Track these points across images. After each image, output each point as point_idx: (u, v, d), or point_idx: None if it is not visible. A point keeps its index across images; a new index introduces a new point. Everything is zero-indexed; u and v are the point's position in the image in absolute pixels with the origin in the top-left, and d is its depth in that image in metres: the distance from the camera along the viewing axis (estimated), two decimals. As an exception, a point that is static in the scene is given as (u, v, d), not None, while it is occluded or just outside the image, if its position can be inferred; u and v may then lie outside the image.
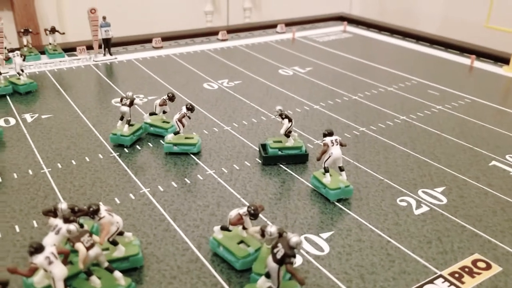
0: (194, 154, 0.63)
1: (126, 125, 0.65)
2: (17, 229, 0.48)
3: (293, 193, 0.55)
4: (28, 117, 0.73)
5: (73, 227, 0.38)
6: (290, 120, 0.61)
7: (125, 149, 0.65)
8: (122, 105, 0.66)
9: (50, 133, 0.68)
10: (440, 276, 0.43)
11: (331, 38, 1.23)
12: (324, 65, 1.02)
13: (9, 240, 0.47)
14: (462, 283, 0.42)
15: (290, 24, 1.31)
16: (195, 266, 0.44)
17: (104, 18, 0.97)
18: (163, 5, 1.48)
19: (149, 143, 0.67)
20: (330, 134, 0.54)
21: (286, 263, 0.35)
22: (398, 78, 0.94)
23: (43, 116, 0.74)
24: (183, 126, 0.63)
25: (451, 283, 0.42)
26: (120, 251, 0.42)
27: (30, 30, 0.98)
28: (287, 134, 0.61)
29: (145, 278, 0.42)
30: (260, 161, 0.62)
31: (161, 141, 0.67)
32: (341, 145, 0.54)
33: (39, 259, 0.35)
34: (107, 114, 0.75)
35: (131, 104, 0.66)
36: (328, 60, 1.05)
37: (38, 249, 0.35)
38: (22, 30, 0.97)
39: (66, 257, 0.39)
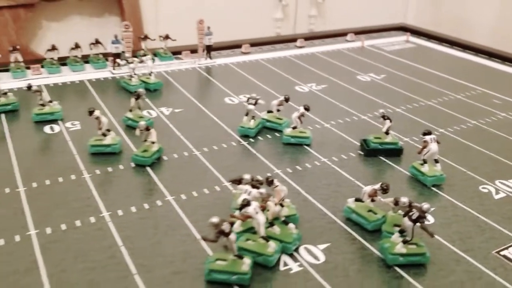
0: (307, 145, 0.79)
1: (252, 120, 0.81)
2: (195, 194, 0.65)
3: (393, 179, 0.70)
4: (164, 110, 0.90)
5: (263, 190, 0.54)
6: (390, 121, 0.76)
7: (250, 139, 0.81)
8: (249, 104, 0.82)
9: (187, 124, 0.85)
10: (520, 242, 0.58)
11: (396, 47, 1.37)
12: (396, 73, 1.16)
13: (198, 204, 0.63)
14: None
15: (357, 33, 1.45)
16: (334, 226, 0.59)
17: (208, 27, 1.13)
18: (236, 13, 1.64)
19: (267, 135, 0.83)
20: (429, 133, 0.69)
21: (420, 222, 0.50)
22: (464, 87, 1.08)
23: (176, 110, 0.91)
24: (301, 122, 0.79)
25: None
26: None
27: (148, 37, 1.15)
28: (387, 131, 0.76)
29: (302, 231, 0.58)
30: (361, 153, 0.77)
31: (276, 134, 0.83)
32: (437, 142, 0.69)
33: (250, 209, 0.51)
34: (226, 110, 0.91)
35: (256, 103, 0.82)
36: (399, 68, 1.19)
37: (247, 204, 0.51)
38: (142, 36, 1.15)
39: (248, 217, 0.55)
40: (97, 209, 0.61)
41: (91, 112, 0.73)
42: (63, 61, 1.07)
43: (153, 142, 0.72)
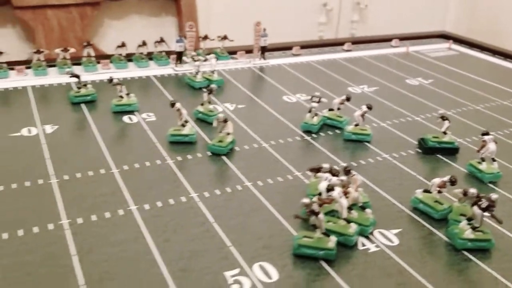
0: (367, 142, 0.85)
1: (315, 117, 0.87)
2: (270, 181, 0.71)
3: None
4: (229, 106, 0.97)
5: (344, 177, 0.60)
6: (449, 121, 0.81)
7: (313, 135, 0.87)
8: (312, 101, 0.88)
9: (251, 119, 0.91)
10: None
11: (440, 54, 1.42)
12: (442, 78, 1.20)
13: (274, 190, 0.69)
14: None
15: (401, 39, 1.50)
16: (403, 214, 0.65)
17: (264, 29, 1.19)
18: (281, 16, 1.70)
19: (328, 132, 0.88)
20: (487, 133, 0.74)
21: (490, 211, 0.56)
22: (509, 94, 1.12)
23: (239, 106, 0.97)
24: (363, 120, 0.85)
25: None
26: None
27: (208, 37, 1.22)
28: (445, 131, 0.81)
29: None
30: (419, 151, 0.82)
31: (336, 131, 0.89)
32: (495, 142, 0.74)
33: (335, 194, 0.56)
34: (285, 107, 0.97)
35: (319, 101, 0.88)
36: (444, 73, 1.24)
37: (332, 188, 0.57)
38: (202, 36, 1.22)
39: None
40: (185, 190, 0.67)
41: (173, 104, 0.80)
42: (129, 58, 1.15)
43: (228, 133, 0.79)
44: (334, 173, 0.62)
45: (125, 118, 0.89)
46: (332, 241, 0.55)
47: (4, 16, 1.22)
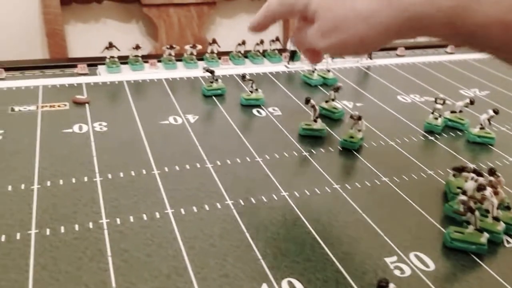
0: (491, 145, 0.87)
1: (439, 118, 0.90)
2: (406, 178, 0.75)
3: None
4: (347, 103, 1.01)
5: (491, 178, 0.63)
6: None
7: (436, 135, 0.90)
8: (437, 103, 0.91)
9: (372, 117, 0.94)
10: None
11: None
12: (555, 84, 1.19)
13: (413, 187, 0.73)
14: None
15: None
16: None
17: (374, 30, 1.23)
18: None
19: (450, 133, 0.91)
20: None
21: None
22: None
23: (357, 104, 1.02)
24: (489, 124, 0.87)
25: None
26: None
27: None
28: None
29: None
30: (546, 156, 0.84)
31: (458, 132, 0.91)
32: None
33: (487, 193, 0.60)
34: (402, 107, 1.01)
35: (444, 103, 0.91)
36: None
37: (484, 188, 0.60)
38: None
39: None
40: (328, 181, 0.73)
41: (308, 100, 0.86)
42: (245, 55, 1.22)
43: (359, 130, 0.83)
44: (479, 173, 0.65)
45: (254, 111, 0.96)
46: (485, 236, 0.59)
47: (132, 13, 1.32)
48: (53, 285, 0.52)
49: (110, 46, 1.08)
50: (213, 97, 1.00)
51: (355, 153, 0.82)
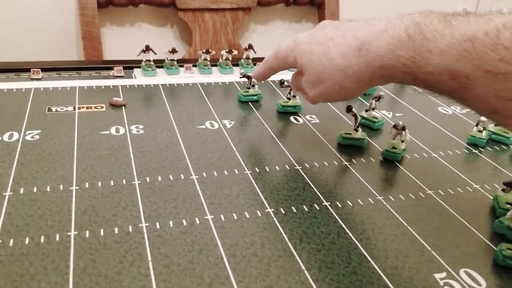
0: (538, 160, 0.84)
1: (484, 131, 0.87)
2: (451, 192, 0.72)
3: None
4: (386, 113, 0.99)
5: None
6: None
7: (480, 148, 0.87)
8: (481, 115, 0.88)
9: (413, 128, 0.91)
10: None
11: None
12: None
13: (456, 201, 0.71)
14: None
15: None
16: None
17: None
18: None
19: (494, 147, 0.88)
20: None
21: None
22: None
23: (396, 114, 0.99)
24: (537, 138, 0.84)
25: None
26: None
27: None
28: None
29: None
30: None
31: (502, 146, 0.88)
32: None
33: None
34: (443, 118, 0.98)
35: (488, 115, 0.88)
36: None
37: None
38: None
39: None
40: (371, 192, 0.71)
41: (349, 109, 0.84)
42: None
43: (402, 141, 0.81)
44: (533, 188, 0.62)
45: (291, 119, 0.94)
46: (539, 255, 0.56)
47: (167, 17, 1.32)
48: (94, 289, 0.51)
49: (147, 49, 1.08)
50: (249, 103, 0.99)
51: (397, 164, 0.79)
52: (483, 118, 0.88)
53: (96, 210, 0.63)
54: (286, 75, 1.15)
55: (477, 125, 0.88)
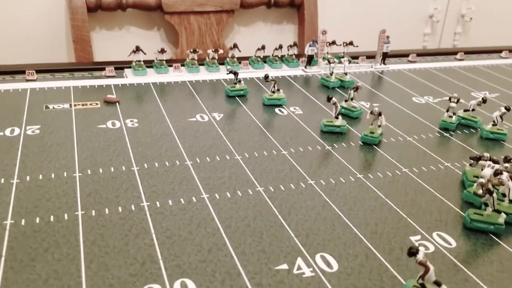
0: (503, 141, 0.91)
1: (454, 116, 0.95)
2: (424, 169, 0.79)
3: None
4: (364, 104, 1.06)
5: (507, 165, 0.67)
6: None
7: (450, 132, 0.94)
8: (451, 102, 0.96)
9: (390, 116, 0.99)
10: None
11: (554, 65, 1.44)
12: None
13: (432, 176, 0.77)
14: None
15: (510, 50, 1.53)
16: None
17: (388, 37, 1.28)
18: (390, 27, 1.77)
19: (464, 130, 0.95)
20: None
21: None
22: None
23: (374, 104, 1.06)
24: (501, 120, 0.91)
25: None
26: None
27: (335, 42, 1.32)
28: None
29: None
30: (557, 151, 0.88)
31: (471, 130, 0.95)
32: None
33: (503, 177, 0.64)
34: (417, 107, 1.05)
35: (458, 102, 0.95)
36: None
37: (501, 172, 0.64)
38: (330, 42, 1.32)
39: None
40: (351, 171, 0.77)
41: (329, 98, 0.90)
42: (264, 59, 1.27)
43: (379, 126, 0.88)
44: (495, 160, 0.69)
45: (276, 110, 1.00)
46: (503, 217, 0.62)
47: (154, 20, 1.38)
48: (104, 257, 0.56)
49: (137, 49, 1.14)
50: (236, 98, 1.05)
51: (375, 147, 0.86)
52: (453, 104, 0.95)
53: (100, 193, 0.68)
54: (268, 72, 1.22)
55: (447, 111, 0.96)
